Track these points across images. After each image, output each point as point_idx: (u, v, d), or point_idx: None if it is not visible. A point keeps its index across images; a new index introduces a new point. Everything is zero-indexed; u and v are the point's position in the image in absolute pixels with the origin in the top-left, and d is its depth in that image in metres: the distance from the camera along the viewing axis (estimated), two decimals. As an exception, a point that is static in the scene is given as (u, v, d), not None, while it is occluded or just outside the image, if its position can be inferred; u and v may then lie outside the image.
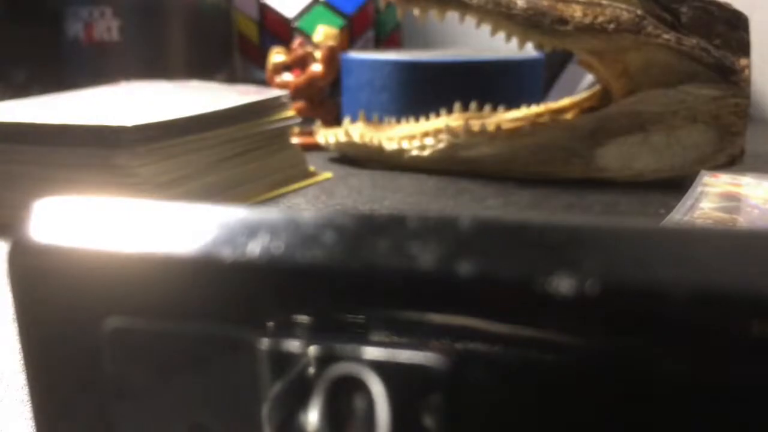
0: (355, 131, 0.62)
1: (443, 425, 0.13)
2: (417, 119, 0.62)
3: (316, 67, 0.69)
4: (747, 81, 0.54)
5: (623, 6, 0.53)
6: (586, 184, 0.56)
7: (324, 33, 0.68)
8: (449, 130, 0.58)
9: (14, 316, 0.16)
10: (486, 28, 0.55)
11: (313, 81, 0.69)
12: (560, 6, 0.53)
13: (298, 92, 0.69)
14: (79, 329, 0.15)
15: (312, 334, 0.13)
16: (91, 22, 0.77)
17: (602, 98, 0.58)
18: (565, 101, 0.60)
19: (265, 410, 0.14)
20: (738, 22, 0.55)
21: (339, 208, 0.50)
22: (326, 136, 0.63)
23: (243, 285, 0.14)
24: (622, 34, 0.53)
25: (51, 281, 0.15)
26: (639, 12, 0.53)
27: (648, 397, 0.12)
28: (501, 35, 0.55)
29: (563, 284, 0.12)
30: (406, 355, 0.13)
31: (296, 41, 0.71)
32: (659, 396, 0.12)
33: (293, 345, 0.14)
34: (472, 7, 0.53)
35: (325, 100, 0.71)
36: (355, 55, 0.72)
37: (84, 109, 0.48)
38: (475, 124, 0.58)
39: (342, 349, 0.13)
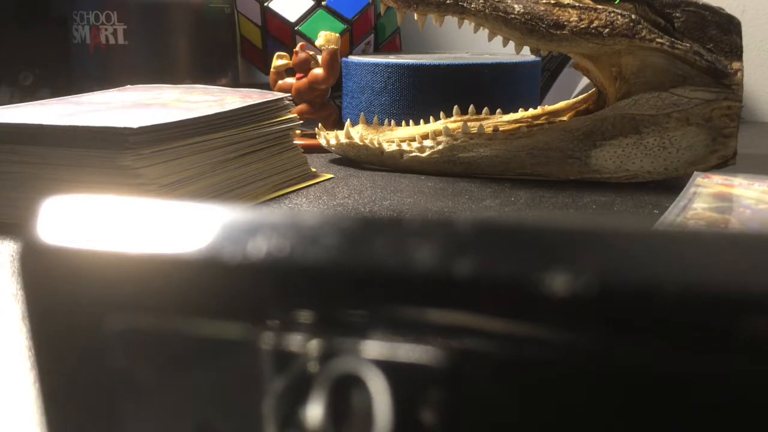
0: (356, 133, 0.62)
1: (443, 422, 0.13)
2: (416, 121, 0.62)
3: (318, 71, 0.69)
4: (739, 84, 0.55)
5: (618, 11, 0.54)
6: (581, 184, 0.57)
7: (325, 37, 0.69)
8: (448, 132, 0.59)
9: (23, 315, 0.16)
10: (484, 32, 0.56)
11: (314, 84, 0.69)
12: (556, 11, 0.54)
13: (299, 95, 0.70)
14: (87, 328, 0.15)
15: (314, 332, 0.14)
16: (98, 27, 0.78)
17: (597, 101, 0.59)
18: (561, 104, 0.61)
19: (268, 407, 0.14)
20: (730, 26, 0.56)
21: (340, 208, 0.50)
22: (327, 137, 0.63)
23: (246, 284, 0.14)
24: (617, 38, 0.53)
25: (59, 280, 0.15)
26: (633, 16, 0.54)
27: (645, 396, 0.12)
28: (498, 39, 0.56)
29: (560, 283, 0.12)
30: (406, 353, 0.13)
31: (298, 45, 0.72)
32: (656, 395, 0.12)
33: (295, 343, 0.14)
34: (471, 12, 0.54)
35: (326, 102, 0.71)
36: (356, 58, 0.72)
37: (90, 111, 0.49)
38: (473, 127, 0.59)
39: (343, 346, 0.13)
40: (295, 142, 0.58)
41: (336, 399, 0.14)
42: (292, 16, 0.87)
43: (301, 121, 0.60)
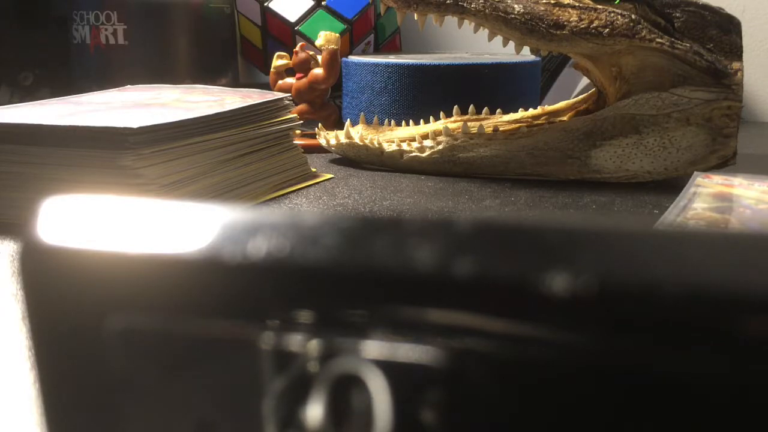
0: (356, 133, 0.62)
1: (443, 422, 0.13)
2: (416, 121, 0.62)
3: (318, 71, 0.69)
4: (739, 84, 0.55)
5: (618, 11, 0.54)
6: (581, 184, 0.57)
7: (325, 37, 0.69)
8: (448, 132, 0.59)
9: (23, 315, 0.16)
10: (484, 32, 0.56)
11: (314, 84, 0.69)
12: (556, 11, 0.54)
13: (299, 95, 0.70)
14: (88, 328, 0.15)
15: (314, 332, 0.14)
16: (98, 27, 0.78)
17: (597, 101, 0.59)
18: (561, 104, 0.61)
19: (268, 407, 0.14)
20: (730, 26, 0.56)
21: (340, 208, 0.50)
22: (327, 137, 0.63)
23: (246, 284, 0.14)
24: (617, 38, 0.53)
25: (59, 280, 0.15)
26: (633, 16, 0.54)
27: (645, 396, 0.12)
28: (498, 39, 0.56)
29: (560, 283, 0.12)
30: (406, 353, 0.13)
31: (298, 45, 0.72)
32: (656, 395, 0.12)
33: (295, 343, 0.14)
34: (470, 12, 0.54)
35: (326, 102, 0.71)
36: (356, 58, 0.72)
37: (90, 111, 0.49)
38: (473, 126, 0.59)
39: (343, 346, 0.13)
40: (295, 142, 0.58)
41: (336, 399, 0.14)
42: (292, 16, 0.87)
43: (301, 121, 0.60)
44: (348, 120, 0.64)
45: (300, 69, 0.70)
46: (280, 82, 0.72)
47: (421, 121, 0.62)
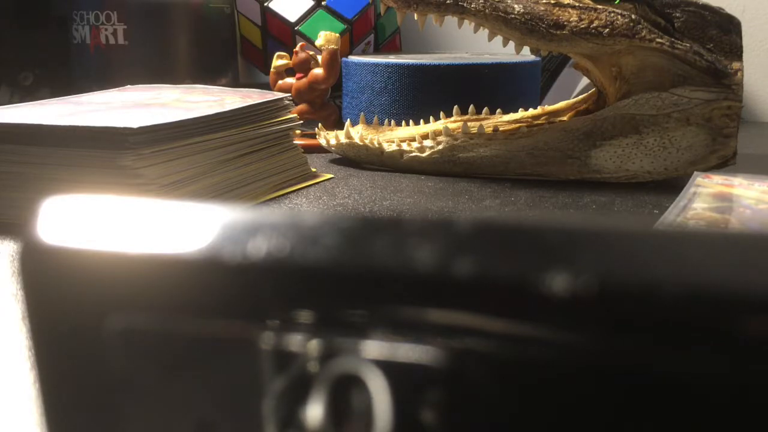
0: (356, 133, 0.62)
1: (443, 422, 0.13)
2: (416, 121, 0.62)
3: (318, 71, 0.70)
4: (739, 84, 0.55)
5: (618, 11, 0.54)
6: (581, 184, 0.57)
7: (325, 37, 0.69)
8: (448, 132, 0.59)
9: (23, 315, 0.16)
10: (484, 32, 0.56)
11: (314, 84, 0.70)
12: (556, 11, 0.54)
13: (299, 95, 0.70)
14: (88, 328, 0.15)
15: (314, 332, 0.14)
16: (98, 27, 0.78)
17: (597, 101, 0.59)
18: (561, 104, 0.61)
19: (268, 407, 0.14)
20: (730, 26, 0.56)
21: (340, 208, 0.50)
22: (327, 137, 0.63)
23: (246, 284, 0.14)
24: (617, 38, 0.53)
25: (59, 280, 0.15)
26: (633, 16, 0.54)
27: (645, 396, 0.12)
28: (498, 39, 0.56)
29: (560, 283, 0.12)
30: (406, 353, 0.13)
31: (298, 45, 0.72)
32: (656, 395, 0.12)
33: (295, 343, 0.14)
34: (471, 12, 0.54)
35: (326, 102, 0.71)
36: (356, 58, 0.72)
37: (90, 111, 0.49)
38: (473, 127, 0.59)
39: (343, 346, 0.13)
40: (295, 142, 0.58)
41: (336, 399, 0.14)
42: (292, 16, 0.87)
43: (301, 121, 0.60)
44: (348, 120, 0.64)
45: (300, 69, 0.70)
46: (280, 82, 0.72)
47: (421, 121, 0.62)
